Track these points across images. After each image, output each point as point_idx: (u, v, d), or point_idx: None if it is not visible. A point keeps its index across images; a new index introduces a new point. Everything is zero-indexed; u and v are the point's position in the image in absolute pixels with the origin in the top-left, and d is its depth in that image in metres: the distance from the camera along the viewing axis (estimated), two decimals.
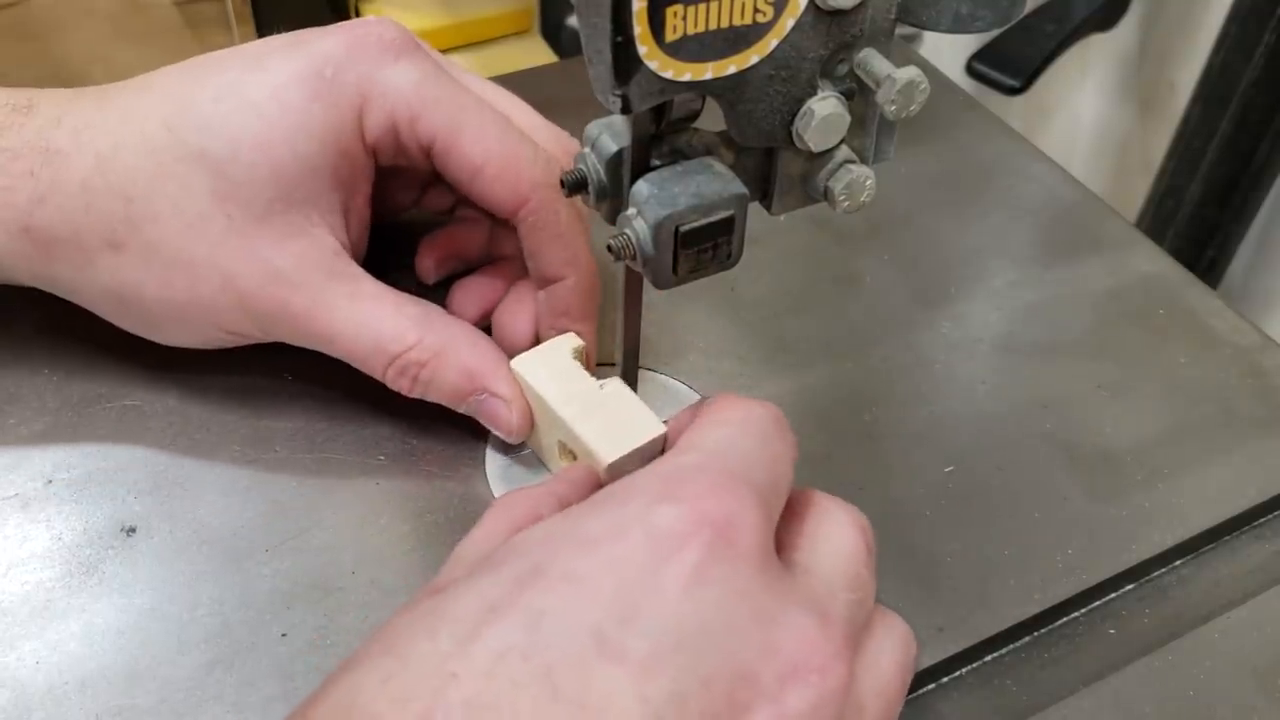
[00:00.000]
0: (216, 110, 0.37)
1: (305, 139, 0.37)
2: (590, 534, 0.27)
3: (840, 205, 0.34)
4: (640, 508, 0.27)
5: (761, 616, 0.26)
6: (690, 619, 0.25)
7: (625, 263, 0.33)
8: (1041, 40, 0.92)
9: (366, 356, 0.39)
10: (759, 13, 0.29)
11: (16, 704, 0.34)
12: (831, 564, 0.29)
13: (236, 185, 0.37)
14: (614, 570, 0.26)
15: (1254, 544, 0.42)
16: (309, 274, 0.38)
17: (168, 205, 0.37)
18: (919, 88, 0.31)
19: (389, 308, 0.39)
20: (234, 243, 0.37)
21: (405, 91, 0.38)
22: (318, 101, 0.37)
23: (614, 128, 0.33)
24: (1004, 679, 0.37)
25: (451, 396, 0.39)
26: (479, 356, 0.39)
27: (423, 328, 0.38)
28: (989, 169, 0.56)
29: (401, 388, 0.39)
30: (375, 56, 0.38)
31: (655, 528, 0.26)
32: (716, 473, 0.28)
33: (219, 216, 0.37)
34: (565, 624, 0.25)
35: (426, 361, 0.38)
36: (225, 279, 0.37)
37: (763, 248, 0.49)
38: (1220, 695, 0.36)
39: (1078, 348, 0.47)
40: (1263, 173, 0.94)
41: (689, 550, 0.26)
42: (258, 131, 0.37)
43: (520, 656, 0.24)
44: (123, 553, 0.37)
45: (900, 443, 0.43)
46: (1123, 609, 0.39)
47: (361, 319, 0.38)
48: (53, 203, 0.37)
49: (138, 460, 0.40)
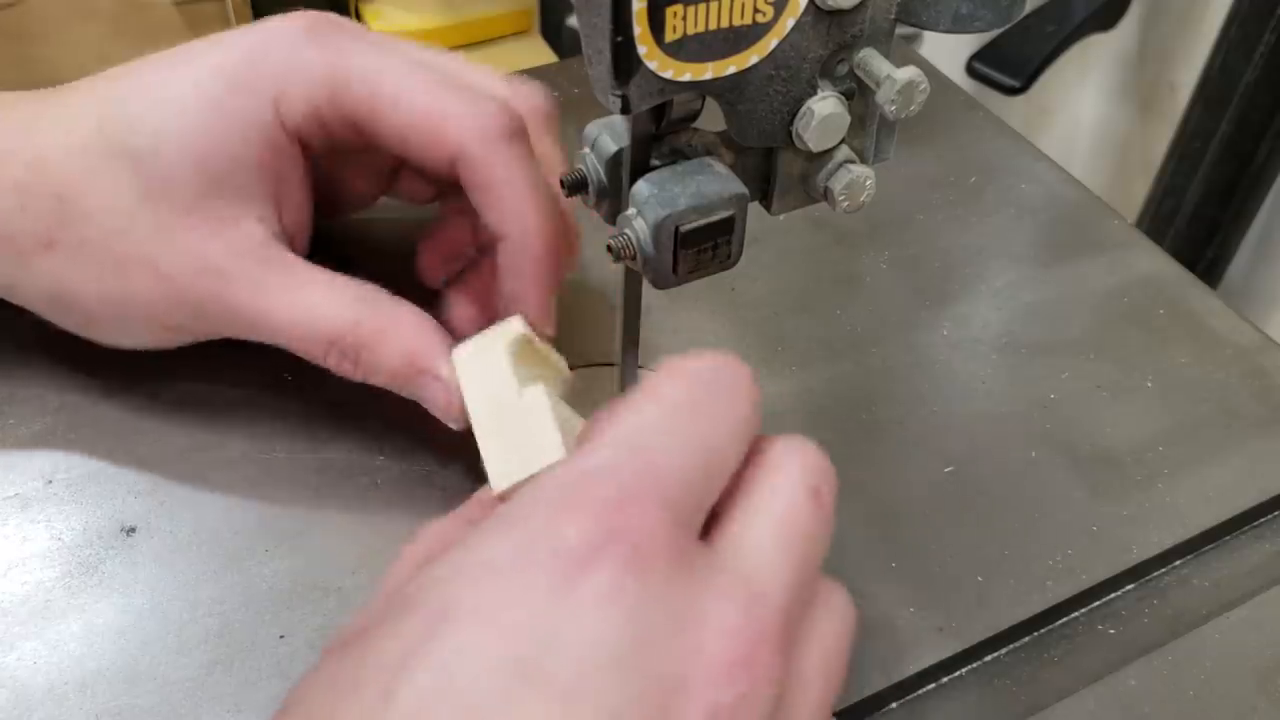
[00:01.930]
0: (140, 108, 0.38)
1: (226, 131, 0.37)
2: (494, 561, 0.26)
3: (840, 205, 0.34)
4: (542, 526, 0.26)
5: (681, 618, 0.25)
6: (609, 637, 0.24)
7: (625, 263, 0.33)
8: (1041, 40, 0.92)
9: (305, 341, 0.38)
10: (759, 13, 0.29)
11: (16, 704, 0.34)
12: (763, 529, 0.27)
13: (163, 180, 0.37)
14: (524, 598, 0.25)
15: (1254, 544, 0.42)
16: (241, 263, 0.38)
17: (98, 203, 0.37)
18: (919, 88, 0.31)
19: (325, 290, 0.38)
20: (163, 237, 0.37)
21: (317, 71, 0.38)
22: (237, 93, 0.37)
23: (614, 128, 0.33)
24: (1004, 679, 0.37)
25: (392, 380, 0.38)
26: (420, 338, 0.38)
27: (361, 309, 0.38)
28: (989, 169, 0.56)
29: (345, 372, 0.39)
30: (288, 43, 0.38)
31: (560, 548, 0.25)
32: (625, 475, 0.26)
33: (146, 212, 0.37)
34: (483, 661, 0.24)
35: (366, 343, 0.38)
36: (157, 274, 0.37)
37: (763, 248, 0.49)
38: (1220, 695, 0.36)
39: (1078, 348, 0.47)
40: (1263, 173, 0.94)
41: (599, 569, 0.25)
42: (179, 127, 0.37)
43: (444, 701, 0.24)
44: (123, 553, 0.37)
45: (900, 443, 0.43)
46: (1123, 609, 0.39)
47: (297, 303, 0.38)
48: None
49: (138, 460, 0.40)
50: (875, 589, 0.38)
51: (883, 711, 0.36)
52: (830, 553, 0.39)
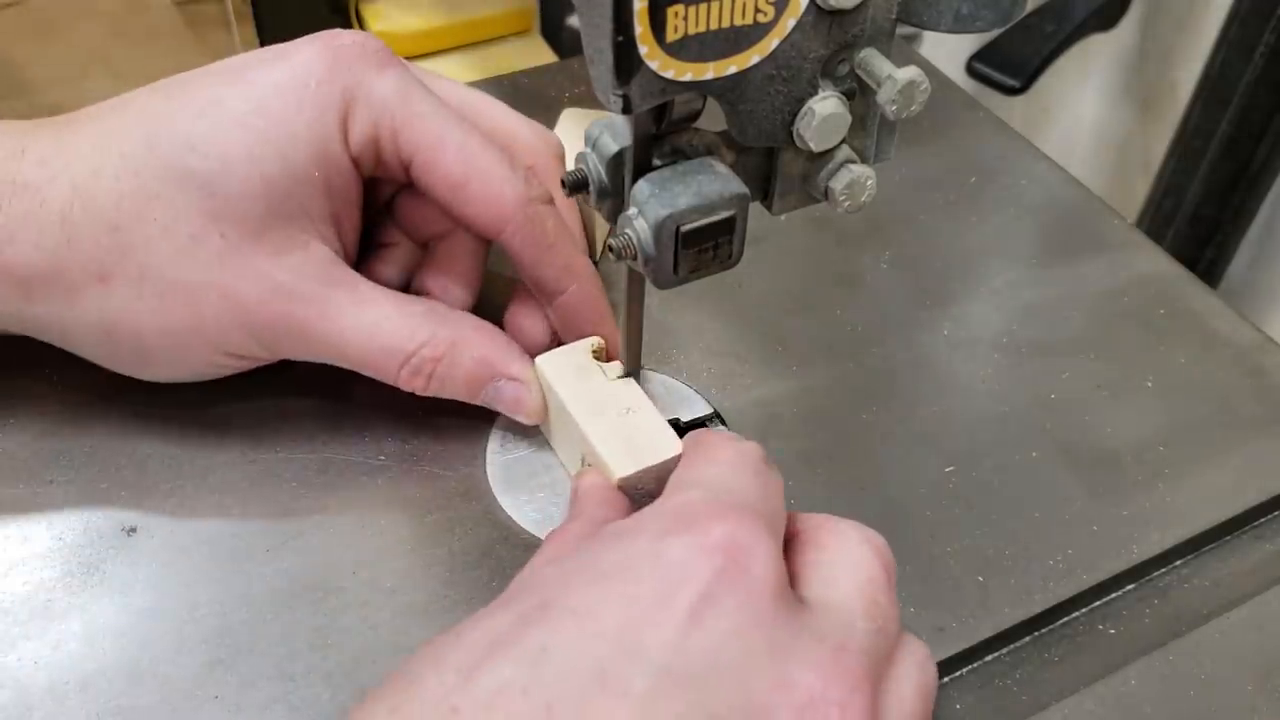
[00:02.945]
0: (199, 127, 0.36)
1: (293, 150, 0.36)
2: (600, 568, 0.27)
3: (841, 205, 0.34)
4: (650, 540, 0.27)
5: (776, 648, 0.25)
6: (698, 651, 0.25)
7: (626, 263, 0.33)
8: (1041, 40, 0.92)
9: (378, 360, 0.38)
10: (760, 13, 0.29)
11: (16, 704, 0.34)
12: (846, 593, 0.29)
13: (228, 202, 0.36)
14: (621, 604, 0.26)
15: (1254, 544, 0.42)
16: (310, 285, 0.37)
17: (157, 229, 0.36)
18: (919, 88, 0.31)
19: (394, 308, 0.38)
20: (231, 260, 0.36)
21: (389, 102, 0.38)
22: (303, 112, 0.37)
23: (615, 128, 0.33)
24: (1004, 679, 0.37)
25: (467, 387, 0.39)
26: (491, 344, 0.39)
27: (432, 323, 0.38)
28: (989, 169, 0.56)
29: (416, 387, 0.39)
30: (358, 66, 0.38)
31: (664, 560, 0.26)
32: (723, 504, 0.28)
33: (213, 236, 0.36)
34: (567, 659, 0.25)
35: (440, 355, 0.38)
36: (225, 298, 0.36)
37: (763, 248, 0.49)
38: (1220, 695, 0.36)
39: (1078, 348, 0.47)
40: (1263, 173, 0.94)
41: (698, 579, 0.26)
42: (245, 145, 0.36)
43: (520, 691, 0.24)
44: (123, 553, 0.37)
45: (900, 443, 0.43)
46: (1123, 609, 0.39)
47: (369, 323, 0.38)
48: (26, 240, 0.35)
49: (138, 460, 0.40)
50: None
51: None
52: None
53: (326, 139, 0.37)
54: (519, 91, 0.59)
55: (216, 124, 0.36)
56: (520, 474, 0.41)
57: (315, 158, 0.37)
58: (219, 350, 0.38)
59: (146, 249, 0.36)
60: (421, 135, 0.38)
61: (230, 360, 0.39)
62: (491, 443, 0.41)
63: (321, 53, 0.38)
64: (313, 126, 0.37)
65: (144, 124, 0.37)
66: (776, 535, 0.28)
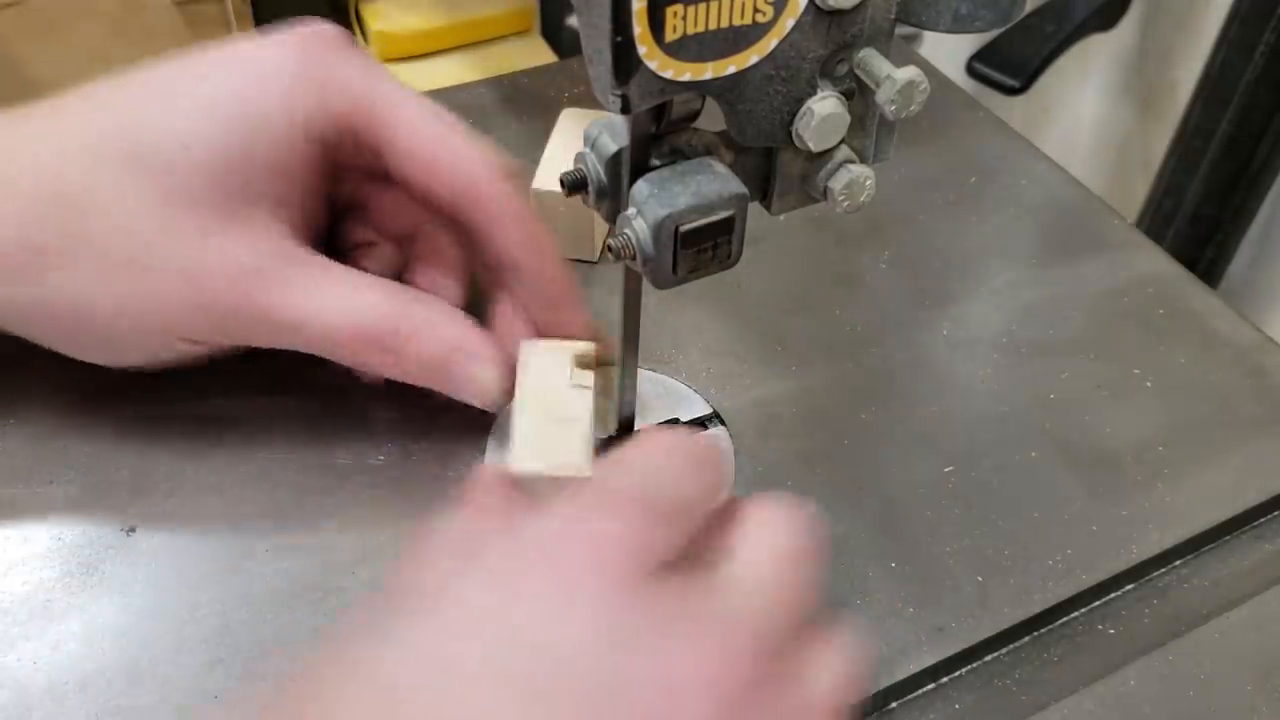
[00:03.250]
0: (161, 110, 0.37)
1: (250, 133, 0.37)
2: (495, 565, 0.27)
3: (840, 205, 0.34)
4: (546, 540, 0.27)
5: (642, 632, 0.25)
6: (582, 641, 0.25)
7: (625, 263, 0.33)
8: (1041, 40, 0.92)
9: (340, 337, 0.38)
10: (759, 13, 0.29)
11: (16, 704, 0.34)
12: (745, 570, 0.28)
13: (185, 183, 0.36)
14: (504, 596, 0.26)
15: (1254, 544, 0.42)
16: (270, 262, 0.37)
17: (117, 211, 0.36)
18: (919, 88, 0.31)
19: (360, 284, 0.38)
20: (191, 241, 0.36)
21: (358, 87, 0.38)
22: (267, 97, 0.37)
23: (613, 128, 0.33)
24: (1004, 679, 0.37)
25: (432, 365, 0.38)
26: (460, 324, 0.39)
27: (397, 299, 0.38)
28: (989, 169, 0.56)
29: (379, 365, 0.38)
30: (319, 52, 0.38)
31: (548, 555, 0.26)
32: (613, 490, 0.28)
33: (173, 217, 0.36)
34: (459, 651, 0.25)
35: (408, 332, 0.38)
36: (184, 278, 0.37)
37: (763, 248, 0.49)
38: (1220, 695, 0.36)
39: (1078, 348, 0.47)
40: (1263, 173, 0.94)
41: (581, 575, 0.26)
42: (200, 129, 0.36)
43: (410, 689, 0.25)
44: (123, 553, 0.37)
45: (900, 443, 0.43)
46: (1123, 609, 0.39)
47: (331, 298, 0.37)
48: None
49: (138, 460, 0.40)
50: (875, 589, 0.38)
51: (883, 711, 0.36)
52: (831, 552, 0.39)
53: (290, 123, 0.37)
54: (519, 91, 0.59)
55: (178, 109, 0.37)
56: None
57: (278, 142, 0.37)
58: (175, 334, 0.38)
59: (106, 231, 0.36)
60: (393, 117, 0.38)
61: (186, 345, 0.38)
62: (491, 443, 0.41)
63: (288, 41, 0.38)
64: (277, 111, 0.37)
65: (107, 110, 0.37)
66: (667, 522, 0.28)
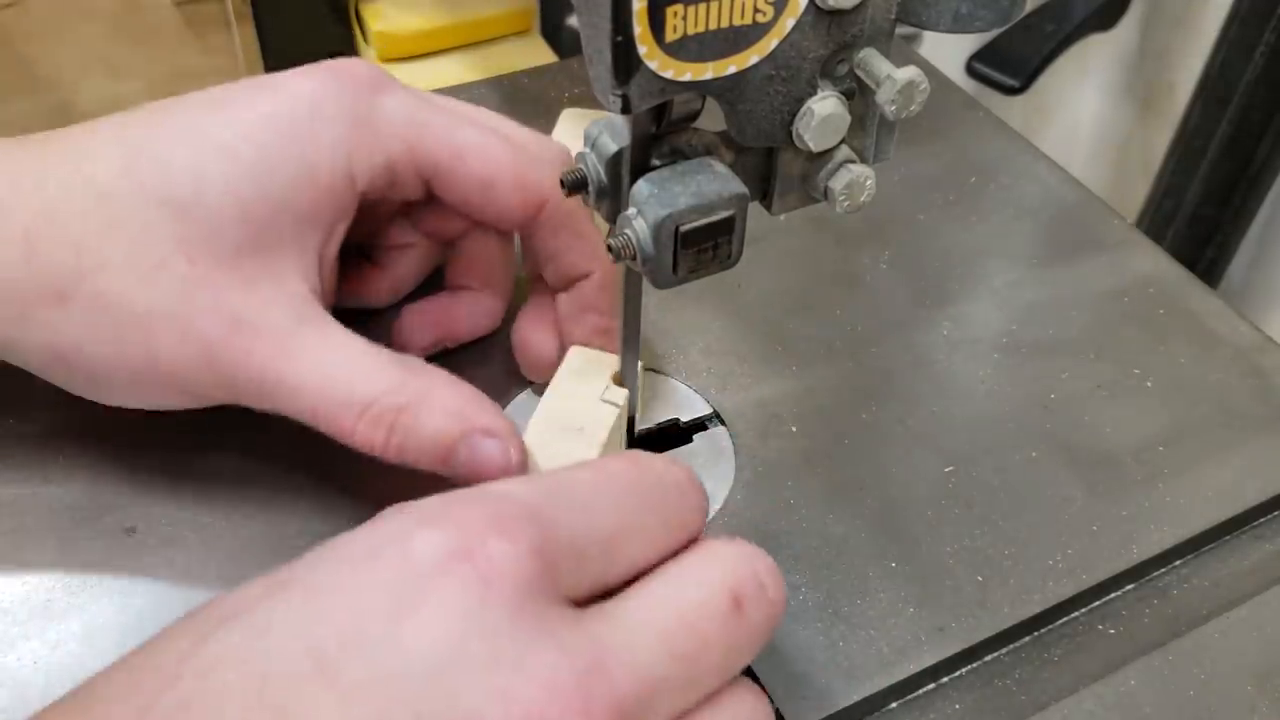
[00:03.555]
0: (177, 151, 0.35)
1: (278, 180, 0.35)
2: (350, 552, 0.26)
3: (840, 205, 0.34)
4: (403, 529, 0.26)
5: (503, 660, 0.24)
6: (416, 653, 0.24)
7: (625, 263, 0.33)
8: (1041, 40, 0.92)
9: (335, 405, 0.35)
10: (759, 13, 0.29)
11: (16, 704, 0.34)
12: (650, 612, 0.26)
13: (201, 229, 0.34)
14: (356, 591, 0.25)
15: (1254, 544, 0.42)
16: (275, 319, 0.35)
17: (120, 254, 0.34)
18: (919, 88, 0.31)
19: (360, 352, 0.35)
20: (196, 292, 0.34)
21: (398, 124, 0.37)
22: (294, 142, 0.36)
23: (614, 127, 0.33)
24: (1004, 679, 0.37)
25: (436, 444, 0.35)
26: (464, 397, 0.35)
27: (400, 370, 0.35)
28: (989, 169, 0.56)
29: (375, 443, 0.35)
30: (354, 93, 0.37)
31: (408, 554, 0.25)
32: (508, 506, 0.26)
33: (180, 264, 0.34)
34: (289, 637, 0.25)
35: (405, 405, 0.34)
36: (186, 332, 0.34)
37: (763, 248, 0.49)
38: (1220, 695, 0.36)
39: (1078, 348, 0.47)
40: (1263, 173, 0.94)
41: (435, 583, 0.25)
42: (224, 172, 0.35)
43: (238, 661, 0.24)
44: (123, 553, 0.37)
45: (900, 443, 0.43)
46: (1123, 609, 0.39)
47: (331, 364, 0.35)
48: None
49: (138, 460, 0.40)
50: (875, 589, 0.38)
51: (883, 711, 0.36)
52: (832, 552, 0.39)
53: (316, 169, 0.36)
54: (519, 91, 0.59)
55: (197, 150, 0.35)
56: None
57: (301, 189, 0.36)
58: (174, 386, 0.36)
59: (107, 274, 0.34)
60: (439, 147, 0.38)
61: (184, 398, 0.37)
62: None
63: (314, 80, 0.37)
64: (303, 156, 0.36)
65: (120, 146, 0.35)
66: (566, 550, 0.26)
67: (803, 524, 0.40)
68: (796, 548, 0.39)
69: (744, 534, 0.39)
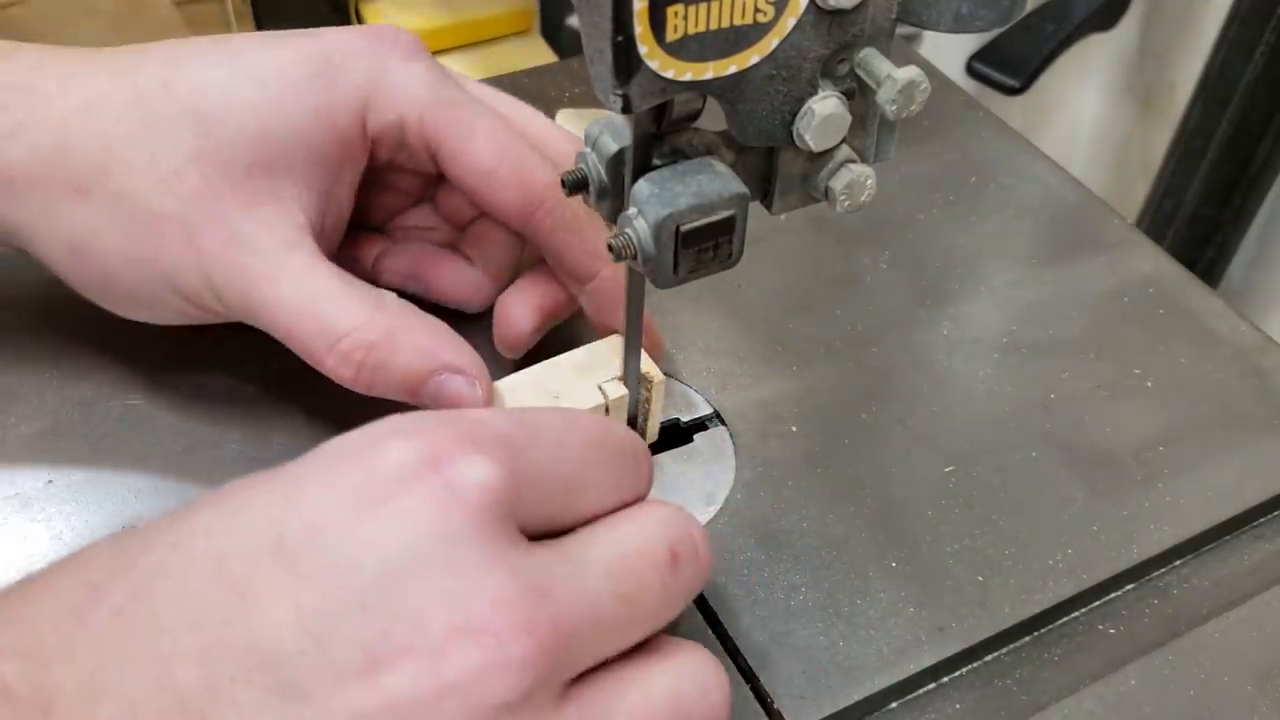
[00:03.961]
0: (214, 74, 0.37)
1: (299, 111, 0.37)
2: (336, 450, 0.27)
3: (840, 205, 0.34)
4: (381, 436, 0.27)
5: (456, 569, 0.25)
6: (374, 549, 0.25)
7: (626, 262, 0.33)
8: (1041, 40, 0.92)
9: (309, 334, 0.36)
10: (760, 12, 0.29)
11: None
12: (598, 551, 0.28)
13: (219, 144, 0.36)
14: (326, 486, 0.26)
15: (1254, 544, 0.42)
16: (268, 240, 0.37)
17: (144, 156, 0.36)
18: (919, 87, 0.31)
19: (339, 287, 0.37)
20: (204, 202, 0.36)
21: (417, 89, 0.38)
22: (320, 80, 0.37)
23: (614, 127, 0.33)
24: (1004, 679, 0.37)
25: (405, 379, 0.36)
26: (435, 335, 0.37)
27: (373, 306, 0.37)
28: (989, 169, 0.56)
29: (345, 376, 0.36)
30: (388, 52, 0.38)
31: (382, 457, 0.26)
32: (486, 429, 0.27)
33: (193, 174, 0.36)
34: (255, 521, 0.26)
35: (376, 341, 0.36)
36: (189, 236, 0.36)
37: (763, 248, 0.49)
38: (1220, 695, 0.36)
39: (1078, 348, 0.47)
40: (1263, 173, 0.94)
41: (403, 486, 0.26)
42: (251, 96, 0.37)
43: (205, 536, 0.26)
44: None
45: (900, 443, 0.43)
46: (1123, 609, 0.39)
47: (308, 293, 0.36)
48: (25, 140, 0.36)
49: (138, 460, 0.40)
50: (875, 589, 0.38)
51: (883, 711, 0.36)
52: (832, 552, 0.39)
53: (337, 111, 0.38)
54: (519, 91, 0.58)
55: (231, 74, 0.37)
56: None
57: (320, 126, 0.37)
58: (174, 289, 0.37)
59: (128, 172, 0.36)
60: (450, 122, 0.38)
61: (186, 306, 0.38)
62: None
63: (353, 35, 0.39)
64: (327, 95, 0.37)
65: (163, 64, 0.38)
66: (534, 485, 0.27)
67: (803, 524, 0.40)
68: (796, 548, 0.39)
69: (744, 534, 0.39)
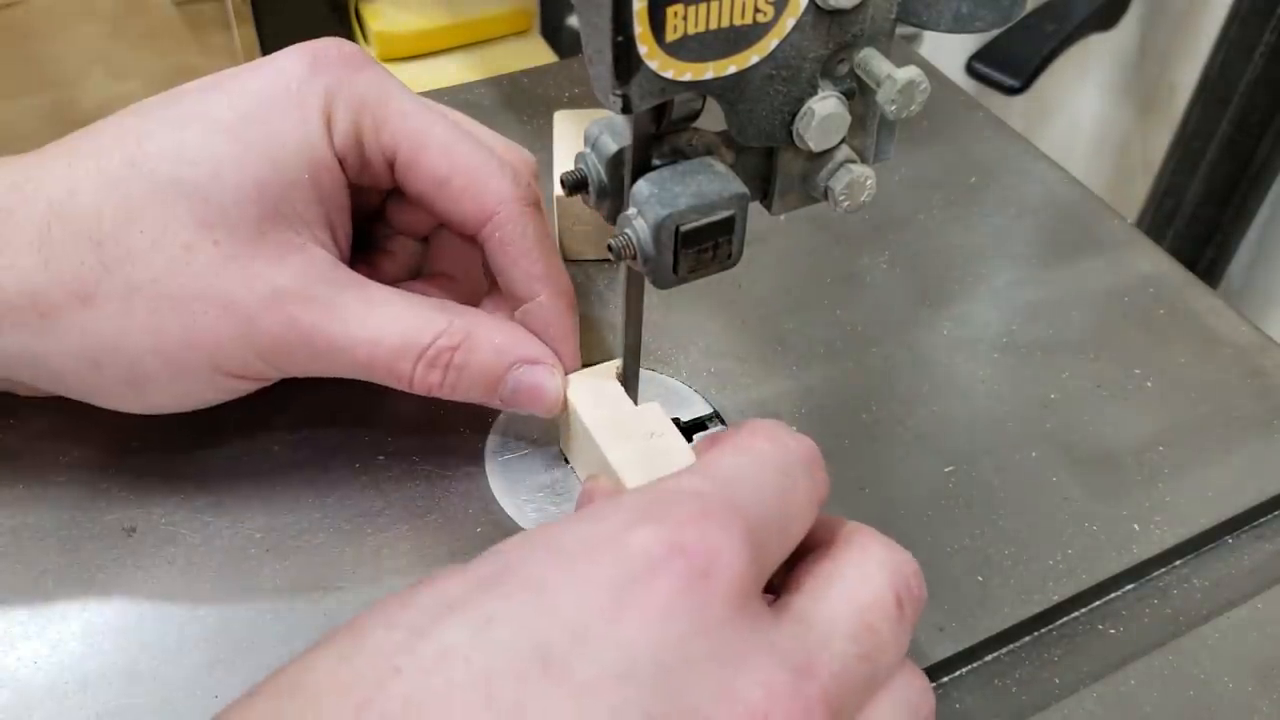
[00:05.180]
0: (185, 136, 0.35)
1: (282, 154, 0.36)
2: (564, 545, 0.26)
3: (840, 205, 0.34)
4: (619, 526, 0.26)
5: (724, 659, 0.25)
6: (644, 650, 0.24)
7: (626, 262, 0.33)
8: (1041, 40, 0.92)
9: (391, 358, 0.37)
10: (759, 12, 0.29)
11: (17, 704, 0.34)
12: (835, 611, 0.27)
13: (221, 209, 0.35)
14: (577, 586, 0.25)
15: (1254, 544, 0.42)
16: (313, 287, 0.36)
17: (145, 243, 0.34)
18: (919, 87, 0.31)
19: (404, 303, 0.37)
20: (228, 268, 0.35)
21: (369, 99, 0.37)
22: (288, 115, 0.36)
23: (614, 127, 0.33)
24: (1004, 679, 0.37)
25: (488, 377, 0.38)
26: (505, 331, 0.38)
27: (447, 313, 0.37)
28: (989, 169, 0.56)
29: (432, 383, 0.37)
30: (337, 67, 0.37)
31: (628, 549, 0.25)
32: (710, 500, 0.26)
33: (206, 244, 0.35)
34: (514, 633, 0.24)
35: (459, 344, 0.37)
36: (225, 307, 0.35)
37: (763, 248, 0.49)
38: (1220, 695, 0.36)
39: (1078, 348, 0.47)
40: (1263, 173, 0.94)
41: (658, 578, 0.25)
42: (234, 151, 0.35)
43: (463, 658, 0.24)
44: (123, 553, 0.37)
45: (900, 443, 0.43)
46: (1123, 609, 0.39)
47: (380, 319, 0.36)
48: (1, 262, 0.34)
49: (138, 460, 0.40)
50: None
51: None
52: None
53: (312, 141, 0.37)
54: (519, 91, 0.59)
55: (203, 132, 0.35)
56: (520, 474, 0.41)
57: (304, 161, 0.36)
58: (218, 369, 0.36)
59: (134, 264, 0.34)
60: (404, 131, 0.38)
61: (230, 381, 0.37)
62: (491, 443, 0.41)
63: (300, 56, 0.37)
64: (298, 129, 0.36)
65: (122, 142, 0.36)
66: (764, 541, 0.27)
67: None
68: None
69: None
